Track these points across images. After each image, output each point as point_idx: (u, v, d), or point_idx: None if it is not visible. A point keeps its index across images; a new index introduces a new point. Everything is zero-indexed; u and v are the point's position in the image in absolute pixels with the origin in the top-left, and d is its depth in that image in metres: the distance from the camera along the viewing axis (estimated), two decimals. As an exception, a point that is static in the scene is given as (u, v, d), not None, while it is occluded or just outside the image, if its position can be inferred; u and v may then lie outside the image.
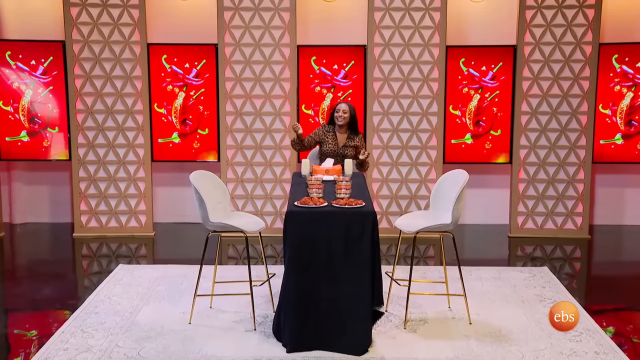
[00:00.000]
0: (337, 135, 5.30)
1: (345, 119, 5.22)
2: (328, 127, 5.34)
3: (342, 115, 5.21)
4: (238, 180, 6.78)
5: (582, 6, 6.57)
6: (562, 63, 6.65)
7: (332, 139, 5.28)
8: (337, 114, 5.23)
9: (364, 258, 4.05)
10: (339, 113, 5.23)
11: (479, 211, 7.17)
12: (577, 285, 5.66)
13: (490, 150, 6.84)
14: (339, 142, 5.29)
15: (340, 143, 5.29)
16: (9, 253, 6.55)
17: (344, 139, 5.30)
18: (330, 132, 5.30)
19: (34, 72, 6.73)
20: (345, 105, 5.26)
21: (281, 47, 6.62)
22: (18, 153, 6.86)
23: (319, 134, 5.33)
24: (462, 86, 6.77)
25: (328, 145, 5.27)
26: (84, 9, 6.54)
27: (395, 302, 4.80)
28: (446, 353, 4.06)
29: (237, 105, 6.69)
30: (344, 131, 5.30)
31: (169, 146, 6.84)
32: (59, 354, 4.03)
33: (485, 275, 5.53)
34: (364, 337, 4.08)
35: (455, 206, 4.29)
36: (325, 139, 5.29)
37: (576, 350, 4.10)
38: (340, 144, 5.28)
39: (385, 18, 6.57)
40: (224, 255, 6.21)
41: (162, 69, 6.72)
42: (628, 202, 7.25)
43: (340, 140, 5.30)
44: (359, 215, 4.07)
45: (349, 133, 5.30)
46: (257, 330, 4.38)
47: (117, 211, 6.82)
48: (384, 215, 6.80)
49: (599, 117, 6.77)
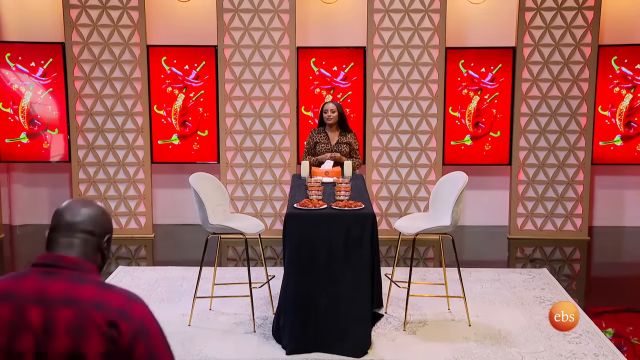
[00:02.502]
0: (328, 134, 5.39)
1: (335, 117, 5.33)
2: (319, 129, 5.45)
3: (331, 114, 5.32)
4: (238, 182, 6.78)
5: (581, 8, 6.57)
6: (562, 65, 6.65)
7: (325, 139, 5.38)
8: (326, 114, 5.34)
9: (364, 260, 4.05)
10: (327, 113, 5.33)
11: (478, 213, 7.17)
12: (577, 286, 5.66)
13: (489, 151, 6.85)
14: (331, 141, 5.36)
15: (333, 141, 5.37)
16: (9, 255, 6.56)
17: (336, 136, 5.40)
18: (322, 133, 5.39)
19: (34, 74, 6.74)
20: (333, 105, 5.37)
21: (281, 49, 6.62)
22: (18, 155, 6.86)
23: (313, 138, 5.40)
24: (462, 88, 6.77)
25: (322, 145, 5.34)
26: (83, 11, 6.55)
27: (394, 304, 4.80)
28: (445, 355, 4.06)
29: (237, 107, 6.70)
30: (334, 129, 5.41)
31: (169, 148, 6.84)
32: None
33: (484, 277, 5.53)
34: (363, 339, 4.08)
35: (455, 208, 4.29)
36: (319, 140, 5.37)
37: (575, 352, 4.10)
38: (333, 142, 5.35)
39: (384, 20, 6.58)
40: (224, 257, 6.21)
41: (161, 70, 6.72)
42: (627, 203, 7.25)
43: (333, 138, 5.39)
44: (359, 217, 4.07)
45: (340, 130, 5.41)
46: (257, 332, 4.38)
47: (117, 213, 6.82)
48: (384, 217, 6.80)
49: (599, 119, 6.77)
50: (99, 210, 1.77)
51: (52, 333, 1.57)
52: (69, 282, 1.62)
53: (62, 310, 1.58)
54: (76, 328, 1.57)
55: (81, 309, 1.58)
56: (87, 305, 1.59)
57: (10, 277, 1.65)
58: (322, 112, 5.37)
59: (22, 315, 1.58)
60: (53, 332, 1.57)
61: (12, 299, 1.59)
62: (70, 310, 1.58)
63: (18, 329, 1.57)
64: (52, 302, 1.58)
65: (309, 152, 5.42)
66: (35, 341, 1.57)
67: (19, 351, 1.57)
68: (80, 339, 1.56)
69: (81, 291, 1.61)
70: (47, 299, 1.59)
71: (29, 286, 1.61)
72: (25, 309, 1.58)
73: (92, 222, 1.74)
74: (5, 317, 1.58)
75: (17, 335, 1.57)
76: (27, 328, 1.57)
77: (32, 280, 1.62)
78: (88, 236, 1.72)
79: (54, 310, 1.58)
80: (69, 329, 1.57)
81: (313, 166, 5.18)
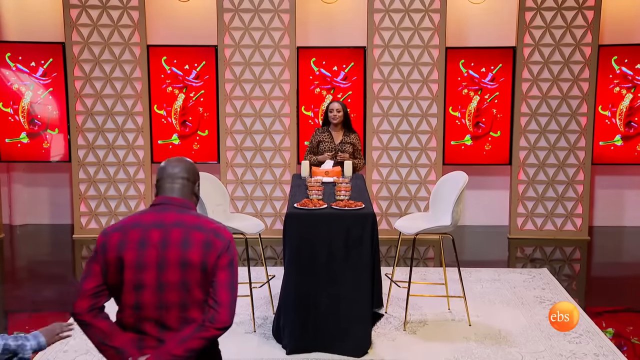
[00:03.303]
0: (332, 134, 5.40)
1: (340, 117, 5.34)
2: (323, 127, 5.46)
3: (337, 114, 5.33)
4: (238, 182, 6.79)
5: (581, 8, 6.57)
6: (562, 64, 6.65)
7: (329, 138, 5.39)
8: (332, 113, 5.35)
9: (364, 260, 4.05)
10: (333, 113, 5.34)
11: (478, 213, 7.17)
12: (577, 286, 5.66)
13: (489, 151, 6.85)
14: (335, 140, 5.36)
15: (337, 141, 5.37)
16: (9, 255, 6.55)
17: (341, 136, 5.41)
18: (325, 132, 5.40)
19: (34, 74, 6.74)
20: (338, 104, 5.38)
21: (281, 49, 6.62)
22: (18, 154, 6.87)
23: (316, 137, 5.39)
24: (462, 88, 6.78)
25: (326, 145, 5.34)
26: (83, 11, 6.55)
27: (394, 304, 4.80)
28: (446, 355, 4.06)
29: (237, 107, 6.70)
30: (339, 129, 5.42)
31: (169, 148, 6.84)
32: (58, 355, 4.03)
33: (484, 277, 5.53)
34: (363, 339, 4.08)
35: (455, 208, 4.29)
36: (322, 139, 5.37)
37: (576, 352, 4.10)
38: (337, 142, 5.35)
39: (384, 19, 6.58)
40: (224, 256, 6.20)
41: (161, 70, 6.72)
42: (627, 203, 7.25)
43: (337, 138, 5.40)
44: (359, 217, 4.07)
45: (344, 130, 5.42)
46: (257, 332, 4.38)
47: (117, 213, 6.82)
48: (384, 216, 6.80)
49: (599, 119, 6.77)
50: (190, 163, 2.44)
51: (168, 246, 2.24)
52: (177, 213, 2.31)
53: (173, 231, 2.26)
54: (183, 242, 2.24)
55: (186, 229, 2.26)
56: (191, 227, 2.27)
57: (136, 213, 2.36)
58: (328, 112, 5.38)
59: (146, 236, 2.26)
60: (168, 246, 2.24)
61: (139, 226, 2.28)
62: (179, 231, 2.26)
63: (144, 245, 2.25)
64: (166, 225, 2.27)
65: (311, 151, 5.43)
66: (157, 253, 2.25)
67: (146, 261, 2.24)
68: (187, 250, 2.24)
69: (186, 218, 2.30)
70: (163, 223, 2.27)
71: (149, 217, 2.30)
72: (149, 231, 2.26)
73: (187, 172, 2.39)
74: (135, 239, 2.26)
75: (144, 250, 2.24)
76: (151, 244, 2.25)
77: (152, 214, 2.32)
78: (185, 182, 2.38)
79: (168, 231, 2.26)
80: (179, 243, 2.24)
81: (313, 166, 5.18)
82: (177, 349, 2.22)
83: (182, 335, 2.24)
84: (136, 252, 2.24)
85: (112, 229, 2.30)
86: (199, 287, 2.25)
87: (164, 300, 2.24)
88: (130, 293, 2.25)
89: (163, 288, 2.24)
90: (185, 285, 2.23)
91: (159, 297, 2.24)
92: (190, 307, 2.25)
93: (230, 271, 2.26)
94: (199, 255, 2.23)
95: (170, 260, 2.23)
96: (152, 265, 2.24)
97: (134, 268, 2.24)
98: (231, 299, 2.25)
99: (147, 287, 2.24)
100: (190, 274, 2.23)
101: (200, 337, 2.22)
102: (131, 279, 2.24)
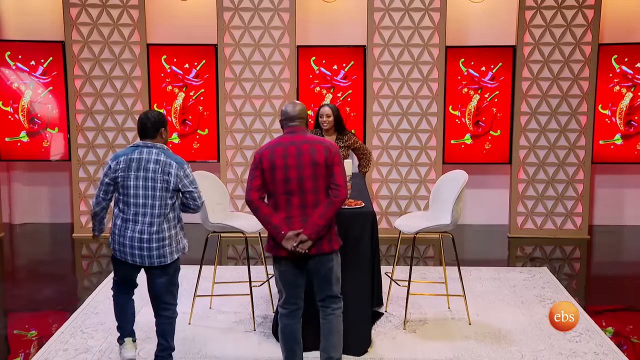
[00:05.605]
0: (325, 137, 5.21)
1: (330, 122, 5.11)
2: (315, 130, 5.19)
3: (326, 120, 5.11)
4: (238, 181, 6.79)
5: (581, 7, 6.57)
6: (562, 63, 6.65)
7: None
8: (321, 119, 5.12)
9: (364, 258, 4.06)
10: (322, 118, 5.11)
11: (478, 211, 7.17)
12: (577, 285, 5.66)
13: (489, 150, 6.85)
14: None
15: None
16: (9, 253, 6.56)
17: (333, 139, 5.19)
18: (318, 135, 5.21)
19: (34, 73, 6.74)
20: (328, 109, 5.13)
21: (281, 48, 6.62)
22: (18, 153, 6.87)
23: None
24: (462, 86, 6.77)
25: None
26: (83, 10, 6.55)
27: (394, 303, 4.80)
28: (446, 353, 4.06)
29: (237, 106, 6.70)
30: (331, 133, 5.19)
31: (169, 147, 6.82)
32: (58, 354, 4.03)
33: (484, 276, 5.53)
34: (363, 338, 4.08)
35: (455, 207, 4.29)
36: None
37: (576, 350, 4.10)
38: None
39: (384, 18, 6.58)
40: (224, 255, 6.21)
41: (161, 69, 6.72)
42: (627, 202, 7.25)
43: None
44: (359, 216, 4.07)
45: (337, 134, 5.20)
46: (257, 330, 4.38)
47: (117, 212, 6.81)
48: (384, 215, 6.80)
49: (599, 118, 6.77)
50: (303, 106, 3.62)
51: (302, 154, 3.42)
52: (303, 135, 3.49)
53: (304, 145, 3.44)
54: (312, 151, 3.42)
55: (312, 143, 3.46)
56: (313, 142, 3.46)
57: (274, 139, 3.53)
58: (318, 116, 5.15)
59: (286, 150, 3.43)
60: (302, 154, 3.42)
61: (280, 145, 3.45)
62: (307, 144, 3.45)
63: (286, 156, 3.42)
64: (298, 142, 3.45)
65: None
66: (295, 159, 3.41)
67: (290, 164, 3.40)
68: (314, 155, 3.42)
69: (310, 137, 3.51)
70: (295, 141, 3.45)
71: (286, 138, 3.48)
72: (288, 147, 3.43)
73: (300, 113, 3.56)
74: (280, 153, 3.42)
75: (287, 159, 3.41)
76: (290, 154, 3.42)
77: (287, 136, 3.49)
78: (302, 120, 3.55)
79: (300, 145, 3.44)
80: (309, 152, 3.42)
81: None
82: (320, 220, 3.39)
83: (319, 211, 3.40)
84: (282, 160, 3.41)
85: (262, 149, 3.48)
86: (323, 178, 3.43)
87: (303, 187, 3.41)
88: (281, 184, 3.41)
89: (302, 180, 3.41)
90: (316, 177, 3.42)
91: (300, 185, 3.41)
92: (320, 191, 3.43)
93: (341, 165, 3.46)
94: (323, 157, 3.41)
95: (305, 162, 3.40)
96: (294, 166, 3.40)
97: (282, 169, 3.40)
98: (344, 181, 3.47)
99: (292, 180, 3.41)
100: (319, 170, 3.41)
101: (331, 208, 3.42)
102: (282, 176, 3.41)
